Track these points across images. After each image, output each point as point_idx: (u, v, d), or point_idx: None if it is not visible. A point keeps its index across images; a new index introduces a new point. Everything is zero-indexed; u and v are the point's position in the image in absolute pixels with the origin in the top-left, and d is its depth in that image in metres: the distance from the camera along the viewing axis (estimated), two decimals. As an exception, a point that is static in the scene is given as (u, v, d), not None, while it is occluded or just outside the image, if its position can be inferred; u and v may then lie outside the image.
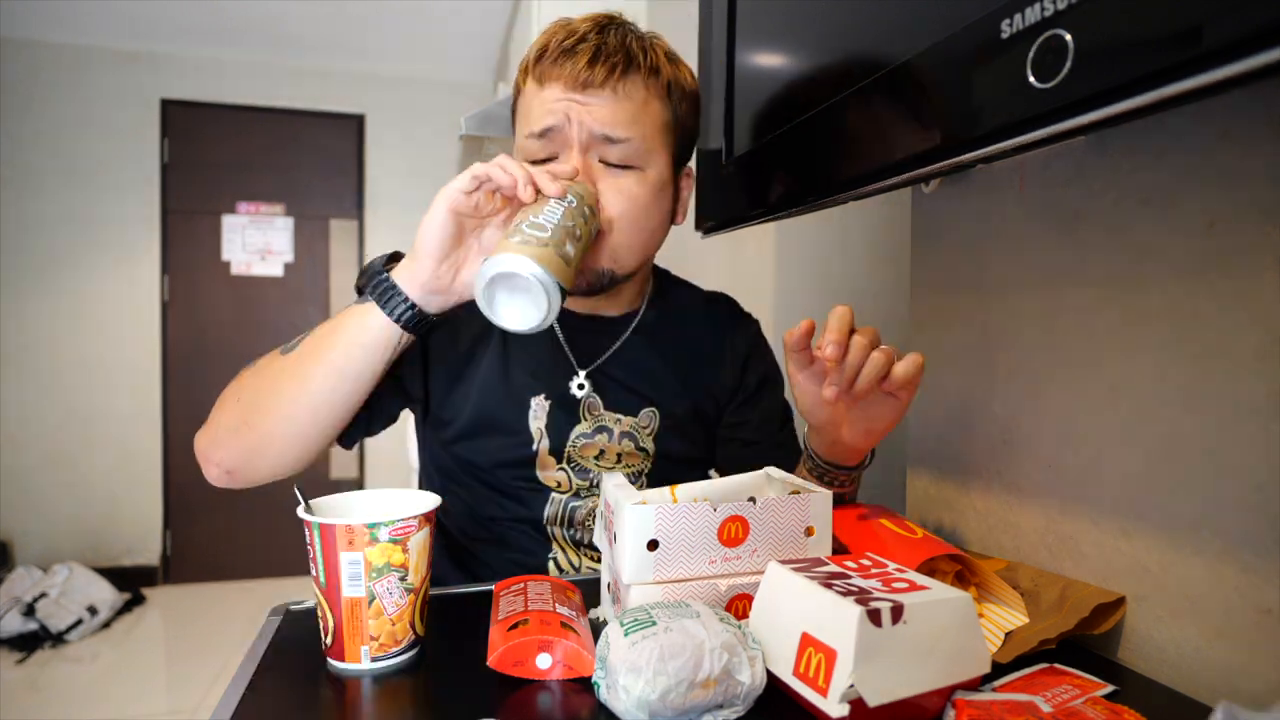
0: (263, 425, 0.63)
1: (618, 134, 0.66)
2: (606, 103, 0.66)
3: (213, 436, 0.65)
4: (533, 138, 0.67)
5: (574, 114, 0.66)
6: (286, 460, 0.65)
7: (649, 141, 0.68)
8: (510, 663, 0.46)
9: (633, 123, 0.67)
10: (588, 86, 0.65)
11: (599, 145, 0.67)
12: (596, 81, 0.65)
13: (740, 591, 0.50)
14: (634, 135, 0.67)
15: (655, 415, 0.78)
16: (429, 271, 0.60)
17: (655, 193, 0.70)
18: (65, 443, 3.19)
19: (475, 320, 0.77)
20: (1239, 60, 0.28)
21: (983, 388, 0.66)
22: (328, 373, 0.61)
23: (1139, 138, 0.51)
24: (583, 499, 0.76)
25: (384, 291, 0.60)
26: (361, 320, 0.61)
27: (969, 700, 0.40)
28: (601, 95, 0.66)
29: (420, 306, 0.61)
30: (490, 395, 0.75)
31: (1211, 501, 0.46)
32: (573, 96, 0.66)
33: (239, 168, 3.38)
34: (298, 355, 0.63)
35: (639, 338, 0.80)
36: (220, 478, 0.65)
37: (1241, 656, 0.45)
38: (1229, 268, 0.45)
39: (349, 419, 0.66)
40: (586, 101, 0.66)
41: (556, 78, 0.66)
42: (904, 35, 0.48)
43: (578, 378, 0.77)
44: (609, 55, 0.66)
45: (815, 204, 0.62)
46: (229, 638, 2.71)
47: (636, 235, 0.70)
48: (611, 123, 0.66)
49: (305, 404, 0.62)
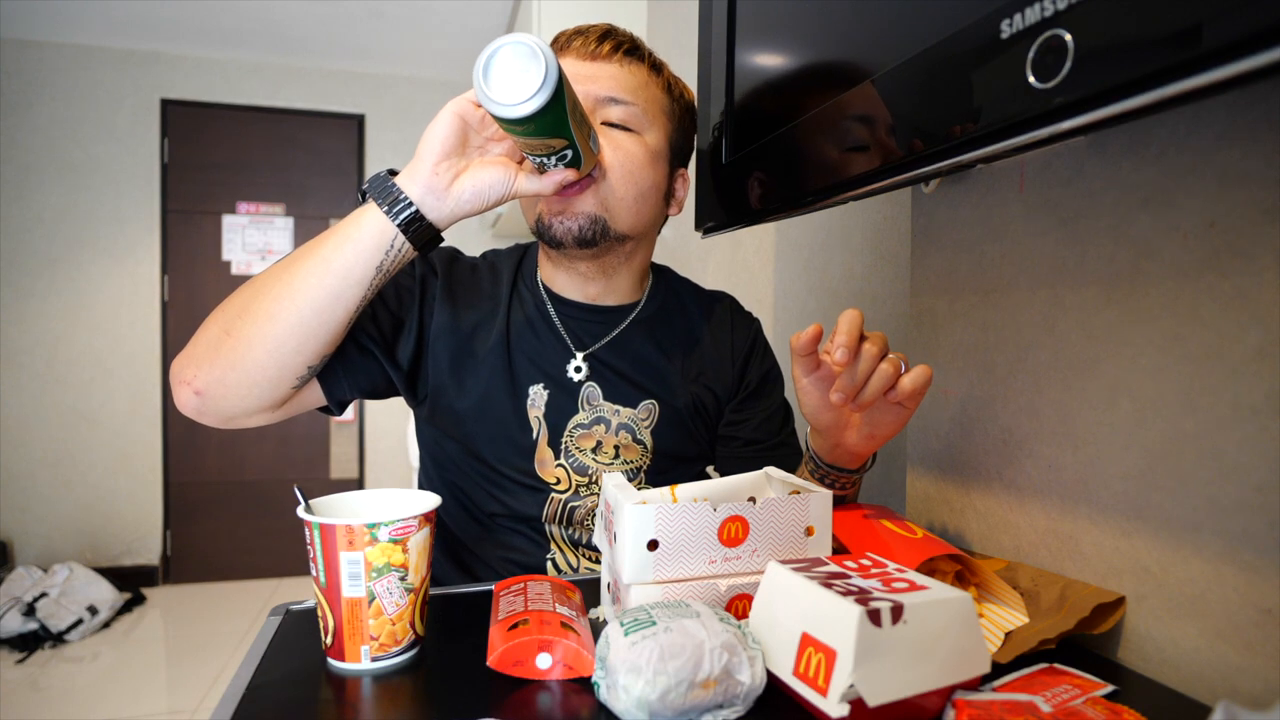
0: (244, 330, 0.59)
1: (621, 96, 0.73)
2: (614, 73, 0.73)
3: (190, 354, 0.62)
4: None
5: (582, 79, 0.72)
6: (260, 383, 0.61)
7: (648, 113, 0.75)
8: (510, 663, 0.46)
9: (634, 92, 0.74)
10: (596, 58, 0.73)
11: (603, 107, 0.72)
12: (604, 54, 0.73)
13: (740, 591, 0.50)
14: (636, 102, 0.73)
15: (655, 408, 0.78)
16: (428, 170, 0.60)
17: (650, 157, 0.75)
18: (65, 443, 3.19)
19: (477, 307, 0.78)
20: (1239, 60, 0.28)
21: (983, 388, 0.66)
22: (318, 269, 0.59)
23: (1139, 138, 0.51)
24: (581, 498, 0.76)
25: (383, 189, 0.60)
26: (358, 218, 0.61)
27: (969, 700, 0.40)
28: (609, 66, 0.73)
29: (418, 207, 0.60)
30: (493, 380, 0.76)
31: (1211, 501, 0.46)
32: (582, 68, 0.72)
33: (239, 168, 3.38)
34: (290, 257, 0.62)
35: (638, 328, 0.81)
36: (190, 400, 0.62)
37: (1241, 656, 0.45)
38: (1229, 268, 0.45)
39: (330, 341, 0.62)
40: (595, 75, 0.72)
41: (568, 52, 0.74)
42: (904, 35, 0.48)
43: (575, 359, 0.77)
44: (617, 36, 0.75)
45: (815, 204, 0.62)
46: (229, 638, 2.71)
47: (628, 188, 0.73)
48: (616, 87, 0.73)
49: (290, 304, 0.59)
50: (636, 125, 0.74)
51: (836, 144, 0.57)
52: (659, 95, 0.76)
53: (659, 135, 0.76)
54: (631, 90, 0.74)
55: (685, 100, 0.80)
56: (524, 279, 0.82)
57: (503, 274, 0.82)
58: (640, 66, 0.75)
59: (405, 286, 0.76)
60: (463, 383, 0.76)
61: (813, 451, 0.67)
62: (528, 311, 0.79)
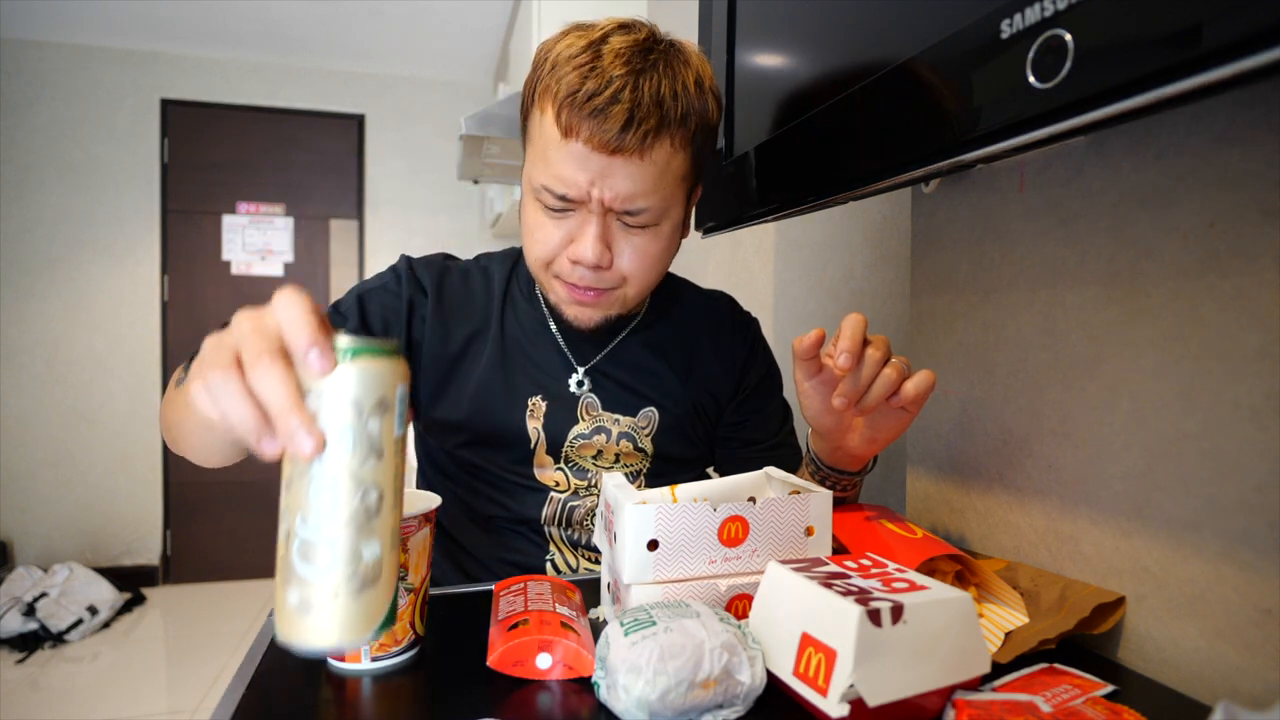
0: (182, 446, 0.62)
1: (637, 206, 0.64)
2: (632, 173, 0.63)
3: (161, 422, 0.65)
4: (549, 193, 0.65)
5: (595, 188, 0.63)
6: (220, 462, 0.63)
7: (668, 200, 0.66)
8: (510, 663, 0.46)
9: (654, 190, 0.64)
10: (617, 153, 0.61)
11: (617, 212, 0.65)
12: (627, 150, 0.61)
13: (740, 591, 0.50)
14: (654, 203, 0.65)
15: (654, 415, 0.78)
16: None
17: (670, 240, 0.70)
18: (65, 443, 3.19)
19: (470, 319, 0.78)
20: (1239, 60, 0.28)
21: (983, 388, 0.66)
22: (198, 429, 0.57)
23: (1139, 138, 0.51)
24: (581, 498, 0.76)
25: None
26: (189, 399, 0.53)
27: (969, 700, 0.40)
28: (629, 164, 0.62)
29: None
30: (488, 395, 0.75)
31: (1211, 501, 0.46)
32: (598, 163, 0.62)
33: (239, 168, 3.38)
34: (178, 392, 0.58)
35: (637, 337, 0.80)
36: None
37: (1241, 656, 0.45)
38: (1229, 268, 0.45)
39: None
40: (611, 172, 0.62)
41: (585, 137, 0.61)
42: (904, 35, 0.48)
43: (576, 374, 0.77)
44: (642, 119, 0.61)
45: (815, 204, 0.62)
46: (229, 638, 2.71)
47: (649, 281, 0.71)
48: (633, 195, 0.63)
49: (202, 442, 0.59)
50: (655, 220, 0.67)
51: (836, 144, 0.57)
52: (681, 164, 0.66)
53: (678, 208, 0.69)
54: (650, 190, 0.64)
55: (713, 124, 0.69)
56: (520, 287, 0.80)
57: (495, 281, 0.80)
58: (665, 143, 0.63)
59: (390, 308, 0.75)
60: (457, 396, 0.76)
61: (813, 453, 0.67)
62: (525, 322, 0.78)
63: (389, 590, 0.37)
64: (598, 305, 0.70)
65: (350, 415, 0.35)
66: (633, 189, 0.63)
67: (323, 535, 0.35)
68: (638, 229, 0.67)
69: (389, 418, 0.36)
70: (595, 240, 0.65)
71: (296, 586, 0.36)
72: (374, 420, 0.35)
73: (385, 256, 3.54)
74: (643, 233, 0.67)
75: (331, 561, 0.35)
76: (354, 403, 0.35)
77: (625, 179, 0.63)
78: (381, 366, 0.36)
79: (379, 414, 0.35)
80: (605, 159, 0.62)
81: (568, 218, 0.66)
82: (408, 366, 0.38)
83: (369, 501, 0.36)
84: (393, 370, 0.36)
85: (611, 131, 0.60)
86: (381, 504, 0.36)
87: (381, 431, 0.36)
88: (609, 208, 0.64)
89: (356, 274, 3.53)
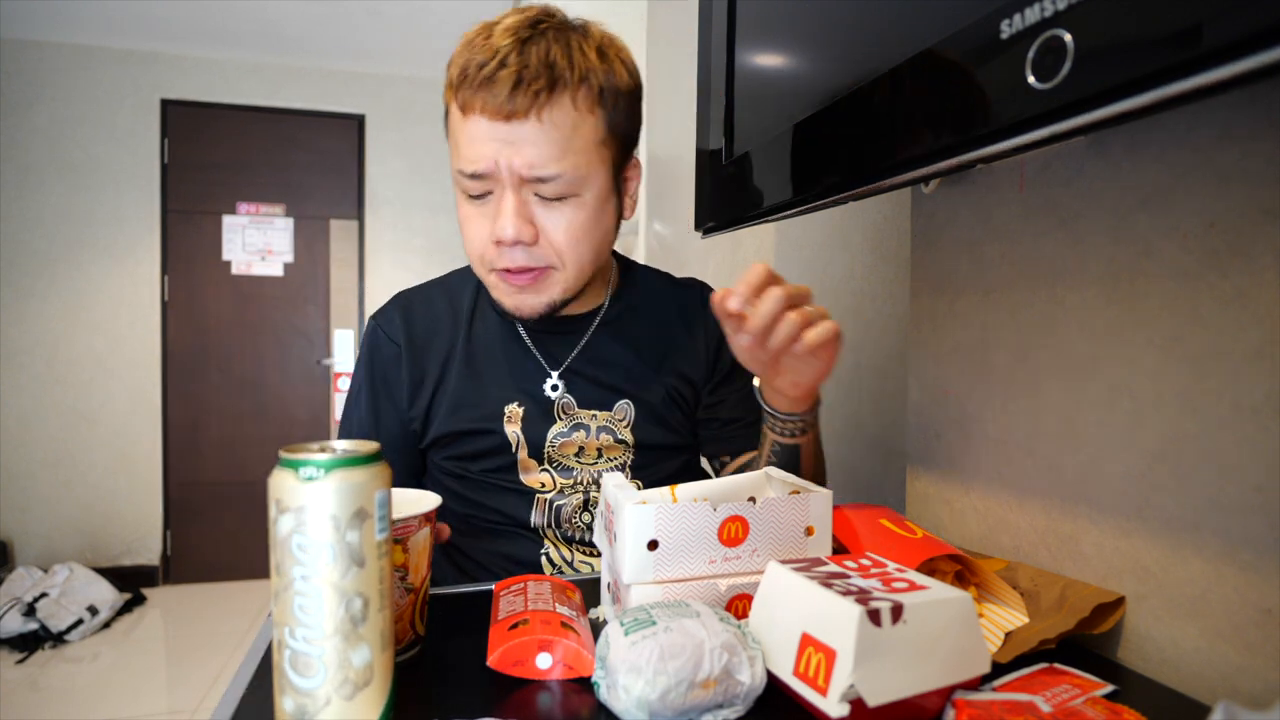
0: None
1: (548, 172, 0.64)
2: (533, 137, 0.63)
3: None
4: (465, 176, 0.66)
5: (502, 158, 0.63)
6: None
7: (583, 167, 0.66)
8: (510, 663, 0.46)
9: (563, 155, 0.64)
10: (512, 117, 0.62)
11: (531, 183, 0.65)
12: (520, 112, 0.62)
13: (740, 591, 0.50)
14: (565, 168, 0.64)
15: (630, 406, 0.79)
16: None
17: (596, 212, 0.69)
18: (65, 443, 3.19)
19: (439, 339, 0.79)
20: (1239, 60, 0.28)
21: (983, 387, 0.66)
22: None
23: (1139, 138, 0.51)
24: (566, 496, 0.77)
25: None
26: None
27: (969, 700, 0.40)
28: (525, 126, 0.62)
29: None
30: (463, 408, 0.77)
31: (1211, 501, 0.46)
32: (498, 132, 0.63)
33: (239, 168, 3.38)
34: None
35: (606, 331, 0.81)
36: None
37: (1241, 656, 0.45)
38: (1229, 268, 0.45)
39: None
40: (513, 139, 0.63)
41: (480, 109, 0.63)
42: (904, 35, 0.48)
43: (551, 379, 0.78)
44: (531, 81, 0.62)
45: (815, 204, 0.62)
46: (229, 638, 2.71)
47: (583, 257, 0.71)
48: (540, 162, 0.63)
49: None
50: (574, 189, 0.66)
51: (836, 144, 0.57)
52: (592, 128, 0.66)
53: (600, 176, 0.68)
54: (558, 155, 0.64)
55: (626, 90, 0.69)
56: (488, 298, 0.79)
57: (462, 296, 0.82)
58: (564, 105, 0.63)
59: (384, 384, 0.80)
60: (436, 412, 0.78)
61: (763, 402, 0.68)
62: (495, 331, 0.80)
63: (383, 689, 0.39)
64: (537, 289, 0.70)
65: (329, 531, 0.36)
66: (537, 154, 0.63)
67: (311, 648, 0.36)
68: (555, 200, 0.67)
69: (368, 524, 0.37)
70: (512, 214, 0.65)
71: (291, 695, 0.37)
72: (352, 532, 0.36)
73: (385, 256, 3.54)
74: (563, 204, 0.67)
75: (321, 672, 0.36)
76: (331, 518, 0.36)
77: (528, 145, 0.63)
78: (358, 477, 0.37)
79: (357, 524, 0.36)
80: (504, 126, 0.62)
81: (488, 203, 0.67)
82: (388, 468, 0.39)
83: (354, 610, 0.36)
84: (371, 477, 0.37)
85: (501, 96, 0.61)
86: (367, 609, 0.37)
87: (362, 540, 0.37)
88: (521, 178, 0.64)
89: (356, 274, 3.53)
